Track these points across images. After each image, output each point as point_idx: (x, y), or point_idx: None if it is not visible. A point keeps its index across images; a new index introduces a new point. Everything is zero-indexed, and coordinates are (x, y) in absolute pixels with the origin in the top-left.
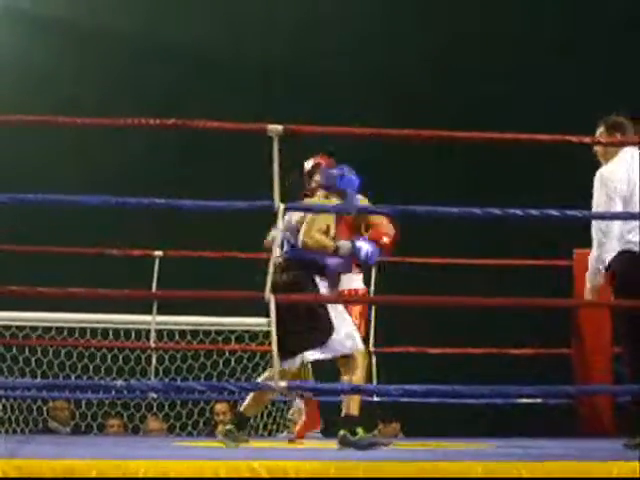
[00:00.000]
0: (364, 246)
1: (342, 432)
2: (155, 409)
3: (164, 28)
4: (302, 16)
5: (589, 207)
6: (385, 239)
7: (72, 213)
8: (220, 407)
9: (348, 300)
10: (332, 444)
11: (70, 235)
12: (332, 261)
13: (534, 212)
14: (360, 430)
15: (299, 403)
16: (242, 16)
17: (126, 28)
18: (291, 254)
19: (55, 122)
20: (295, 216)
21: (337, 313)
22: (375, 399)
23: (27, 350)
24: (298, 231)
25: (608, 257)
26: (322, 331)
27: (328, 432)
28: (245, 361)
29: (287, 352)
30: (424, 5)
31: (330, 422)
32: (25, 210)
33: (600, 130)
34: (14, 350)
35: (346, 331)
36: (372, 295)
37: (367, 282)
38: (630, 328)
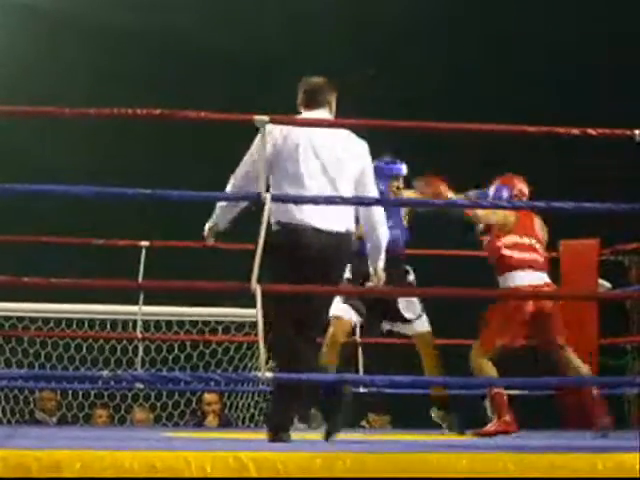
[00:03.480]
0: None
1: None
2: (142, 400)
3: (148, 17)
4: (294, 7)
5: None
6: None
7: (58, 203)
8: (209, 397)
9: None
10: (319, 435)
11: (56, 225)
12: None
13: (521, 203)
14: None
15: None
16: (232, 6)
17: (111, 18)
18: None
19: (40, 112)
20: None
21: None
22: (361, 390)
23: (14, 340)
24: None
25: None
26: None
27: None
28: (232, 352)
29: None
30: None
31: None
32: (10, 200)
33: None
34: (0, 340)
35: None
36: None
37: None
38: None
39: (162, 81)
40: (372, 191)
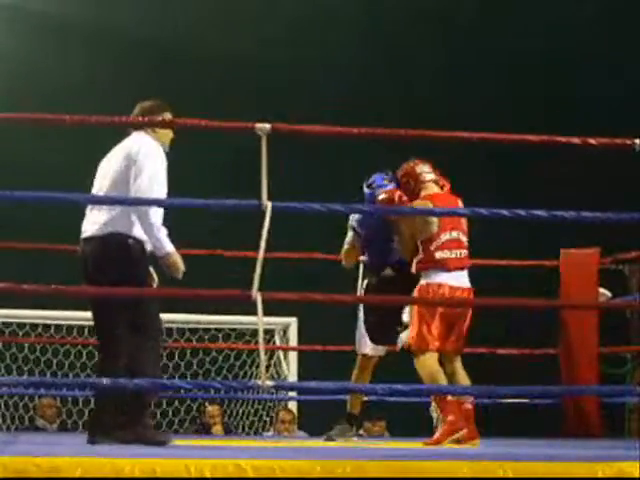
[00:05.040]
0: None
1: None
2: None
3: (149, 22)
4: (300, 12)
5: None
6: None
7: (60, 210)
8: (211, 409)
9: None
10: (319, 443)
11: (56, 232)
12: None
13: (521, 212)
14: None
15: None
16: (234, 13)
17: (112, 24)
18: None
19: (39, 119)
20: None
21: None
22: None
23: (14, 347)
24: None
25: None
26: None
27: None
28: (232, 359)
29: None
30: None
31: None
32: (10, 206)
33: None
34: (1, 347)
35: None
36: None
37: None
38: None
39: (163, 88)
40: (138, 190)
